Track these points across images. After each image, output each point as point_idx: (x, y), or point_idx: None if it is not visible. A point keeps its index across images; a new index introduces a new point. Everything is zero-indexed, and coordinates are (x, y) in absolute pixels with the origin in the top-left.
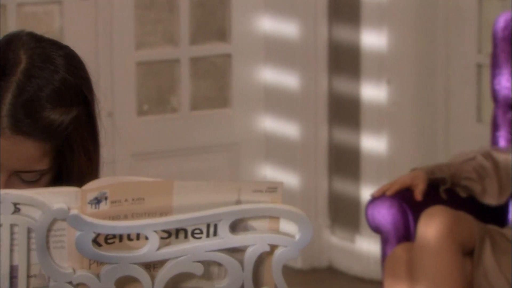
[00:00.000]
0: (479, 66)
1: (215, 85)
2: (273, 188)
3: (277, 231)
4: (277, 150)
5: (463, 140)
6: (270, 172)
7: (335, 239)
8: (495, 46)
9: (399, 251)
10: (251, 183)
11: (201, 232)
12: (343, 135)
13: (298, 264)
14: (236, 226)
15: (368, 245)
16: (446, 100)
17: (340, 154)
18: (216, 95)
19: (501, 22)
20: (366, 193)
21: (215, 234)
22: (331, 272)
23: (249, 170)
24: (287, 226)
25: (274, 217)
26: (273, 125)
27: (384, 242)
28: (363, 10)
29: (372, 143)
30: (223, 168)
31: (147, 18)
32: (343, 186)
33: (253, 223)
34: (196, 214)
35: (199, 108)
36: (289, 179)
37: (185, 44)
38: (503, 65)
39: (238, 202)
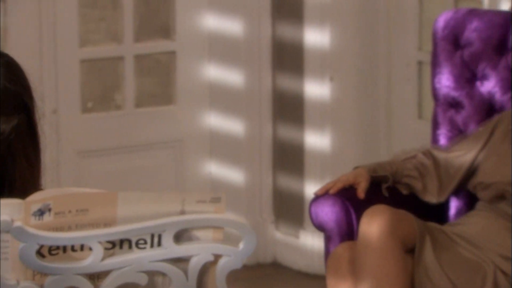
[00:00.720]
0: (420, 64)
1: (160, 82)
2: (216, 198)
3: (221, 241)
4: (222, 147)
5: (405, 136)
6: (215, 169)
7: (280, 235)
8: (435, 45)
9: (341, 249)
10: (195, 193)
11: (145, 243)
12: (287, 132)
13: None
14: (180, 236)
15: (312, 240)
16: (388, 97)
17: (284, 151)
18: (161, 92)
19: (441, 21)
20: (310, 189)
21: (159, 244)
22: (276, 267)
23: (194, 167)
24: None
25: (218, 227)
26: (218, 121)
27: (328, 240)
28: (306, 8)
29: (316, 140)
30: (168, 165)
31: (91, 15)
32: (287, 182)
33: (197, 233)
34: (140, 225)
35: (143, 105)
36: (234, 175)
37: (129, 41)
38: (443, 64)
39: (182, 212)
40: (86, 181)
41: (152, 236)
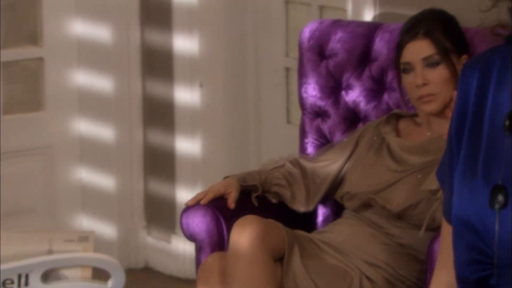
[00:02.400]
0: (288, 70)
1: (28, 88)
2: (84, 237)
3: (89, 279)
4: (92, 153)
5: (274, 141)
6: (86, 175)
7: (151, 240)
8: (301, 55)
9: (212, 259)
10: (63, 233)
11: (13, 283)
12: (158, 138)
13: None
14: (48, 276)
15: (183, 245)
16: (257, 103)
17: (155, 156)
18: (30, 98)
19: (307, 32)
20: (181, 194)
21: (26, 284)
22: (148, 272)
23: (64, 173)
24: None
25: (86, 266)
26: (88, 128)
27: (199, 251)
28: (174, 14)
29: (187, 145)
30: (38, 172)
31: None
32: (158, 187)
33: (66, 272)
34: (7, 266)
35: (12, 112)
36: (105, 181)
37: None
38: (309, 74)
39: (50, 252)
40: None
41: (19, 276)
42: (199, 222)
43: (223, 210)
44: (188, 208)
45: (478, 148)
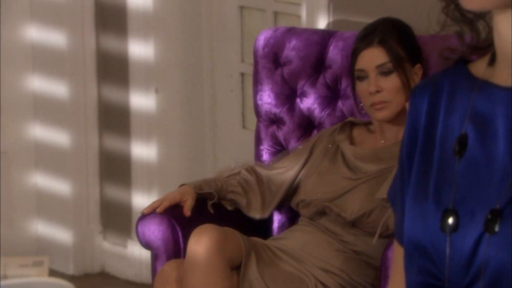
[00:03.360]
0: (243, 75)
1: None
2: (39, 262)
3: None
4: (48, 158)
5: (230, 145)
6: (41, 180)
7: (107, 245)
8: (256, 63)
9: (169, 268)
10: (17, 258)
11: None
12: (113, 143)
13: (70, 270)
14: None
15: (140, 250)
16: (213, 108)
17: (111, 161)
18: None
19: (261, 40)
20: (137, 199)
21: None
22: (104, 277)
23: (19, 179)
24: None
25: None
26: (43, 133)
27: (155, 259)
28: (129, 19)
29: (142, 150)
30: None
31: None
32: (114, 192)
33: None
34: None
35: None
36: (60, 186)
37: None
38: (264, 81)
39: (5, 277)
40: None
41: None
42: (155, 230)
43: (179, 218)
44: (144, 216)
45: (429, 172)
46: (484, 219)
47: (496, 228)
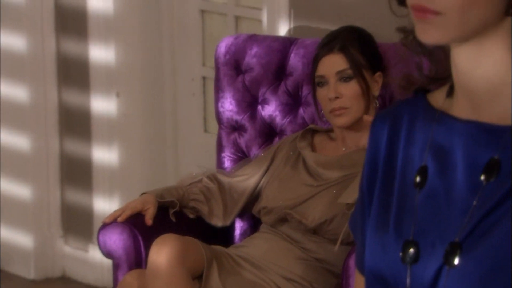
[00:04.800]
0: (204, 79)
1: None
2: None
3: None
4: (8, 162)
5: (191, 149)
6: (2, 184)
7: (68, 249)
8: (217, 70)
9: (130, 277)
10: None
11: None
12: (74, 147)
13: (31, 274)
14: None
15: (101, 254)
16: (174, 112)
17: (72, 166)
18: None
19: (223, 47)
20: (99, 203)
21: None
22: (65, 281)
23: None
24: None
25: None
26: (4, 137)
27: (116, 268)
28: (90, 23)
29: (104, 155)
30: None
31: None
32: (75, 196)
33: None
34: None
35: None
36: (22, 190)
37: None
38: (226, 88)
39: None
40: None
41: None
42: (116, 240)
43: (140, 227)
44: (105, 225)
45: (390, 202)
46: (444, 251)
47: (456, 261)
